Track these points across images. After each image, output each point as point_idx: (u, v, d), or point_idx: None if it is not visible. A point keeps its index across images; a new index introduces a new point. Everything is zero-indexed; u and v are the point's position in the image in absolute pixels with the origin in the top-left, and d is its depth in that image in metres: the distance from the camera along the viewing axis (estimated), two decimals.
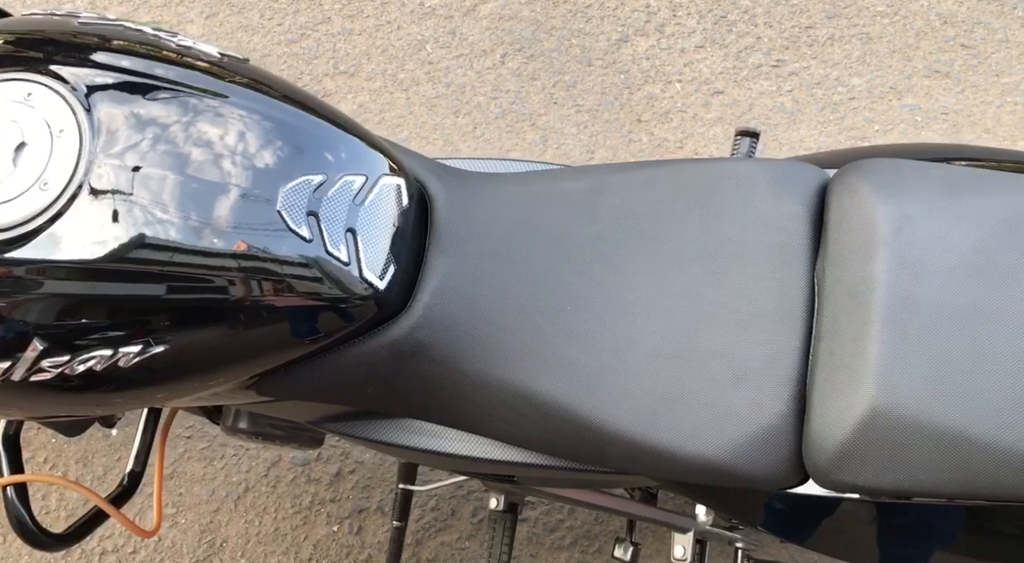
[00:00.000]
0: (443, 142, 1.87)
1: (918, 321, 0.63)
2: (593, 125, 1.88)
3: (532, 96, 1.92)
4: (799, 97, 1.86)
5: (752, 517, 0.78)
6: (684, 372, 0.71)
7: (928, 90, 1.82)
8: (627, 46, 1.96)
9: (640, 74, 1.93)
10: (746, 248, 0.73)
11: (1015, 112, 1.77)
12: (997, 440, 0.61)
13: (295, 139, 0.67)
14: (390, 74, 1.94)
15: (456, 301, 0.73)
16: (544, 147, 1.87)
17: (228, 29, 2.01)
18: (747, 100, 1.87)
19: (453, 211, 0.76)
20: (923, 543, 0.76)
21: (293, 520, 1.46)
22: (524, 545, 1.44)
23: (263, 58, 1.97)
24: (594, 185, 0.79)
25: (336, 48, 1.98)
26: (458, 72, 1.94)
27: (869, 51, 1.89)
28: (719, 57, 1.92)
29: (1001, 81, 1.81)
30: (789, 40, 1.92)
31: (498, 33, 1.99)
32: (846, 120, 1.82)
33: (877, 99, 1.83)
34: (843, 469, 0.65)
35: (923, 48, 1.87)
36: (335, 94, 1.93)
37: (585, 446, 0.74)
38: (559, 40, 1.98)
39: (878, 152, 0.78)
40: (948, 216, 0.66)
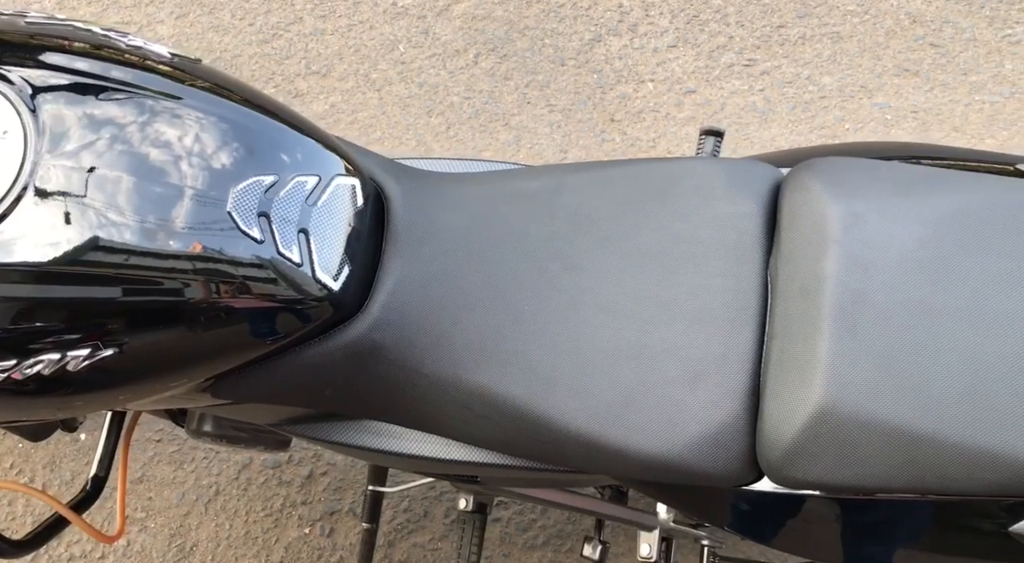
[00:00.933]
0: (416, 142, 1.86)
1: (867, 318, 0.64)
2: (566, 125, 1.88)
3: (505, 96, 1.91)
4: (771, 96, 1.87)
5: (711, 515, 0.78)
6: (640, 371, 0.71)
7: (898, 89, 1.84)
8: (600, 46, 1.97)
9: (613, 74, 1.93)
10: (701, 247, 0.73)
11: (982, 110, 1.79)
12: (945, 435, 0.61)
13: (246, 140, 0.67)
14: (363, 74, 1.94)
15: (413, 302, 0.73)
16: (517, 147, 1.87)
17: (199, 30, 1.99)
18: (719, 99, 1.88)
19: (410, 211, 0.76)
20: (887, 540, 0.76)
21: (264, 523, 1.45)
22: (497, 545, 1.44)
23: (234, 59, 1.96)
24: (552, 185, 0.79)
25: (308, 48, 1.97)
26: (431, 72, 1.94)
27: (840, 50, 1.90)
28: (691, 56, 1.93)
29: (969, 80, 1.83)
30: (761, 39, 1.94)
31: (471, 33, 1.99)
32: (817, 119, 1.83)
33: (848, 98, 1.85)
34: (794, 466, 0.65)
35: (893, 47, 1.89)
36: (307, 94, 1.92)
37: (543, 445, 0.74)
38: (532, 40, 1.98)
39: (832, 151, 0.79)
40: (897, 214, 0.67)
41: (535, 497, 1.03)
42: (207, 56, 1.96)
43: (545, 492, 1.02)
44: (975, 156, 0.77)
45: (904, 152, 0.78)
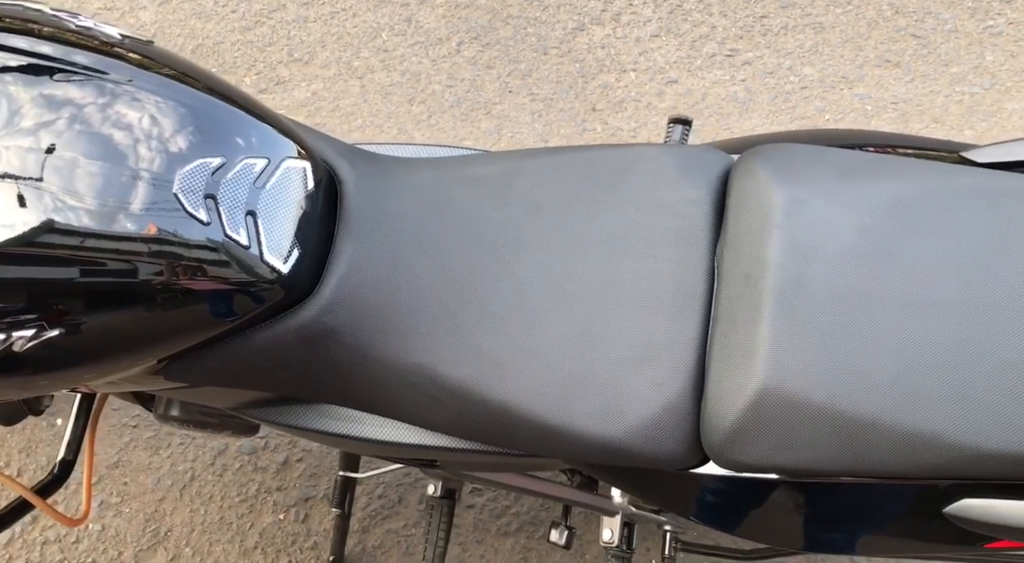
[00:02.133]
0: (397, 130, 1.86)
1: (807, 303, 0.64)
2: (548, 114, 1.88)
3: (487, 84, 1.91)
4: (752, 86, 1.87)
5: (662, 499, 0.79)
6: (588, 354, 0.71)
7: (879, 79, 1.84)
8: (583, 35, 1.96)
9: (595, 63, 1.93)
10: (651, 232, 0.73)
11: (962, 101, 1.79)
12: (881, 419, 0.62)
13: (195, 121, 0.67)
14: (345, 62, 1.93)
15: (365, 285, 0.73)
16: (499, 136, 1.86)
17: (181, 16, 1.99)
18: (701, 89, 1.88)
19: (363, 195, 0.76)
20: (841, 524, 0.77)
21: (239, 509, 1.45)
22: (470, 531, 1.45)
23: (216, 46, 1.95)
24: (507, 170, 0.79)
25: (291, 35, 1.97)
26: (413, 60, 1.94)
27: (822, 41, 1.90)
28: (674, 46, 1.93)
29: (950, 71, 1.83)
30: (743, 29, 1.93)
31: (454, 21, 1.98)
32: (798, 109, 1.83)
33: (829, 88, 1.84)
34: (736, 448, 0.66)
35: (875, 38, 1.89)
36: (289, 82, 1.92)
37: (495, 428, 0.74)
38: (515, 28, 1.98)
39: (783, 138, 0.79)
40: (839, 200, 0.67)
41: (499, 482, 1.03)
42: (189, 42, 1.95)
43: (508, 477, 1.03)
44: (922, 143, 0.77)
45: (853, 139, 0.78)
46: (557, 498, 1.04)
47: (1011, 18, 1.86)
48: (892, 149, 0.75)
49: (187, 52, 1.94)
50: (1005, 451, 0.61)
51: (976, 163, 0.71)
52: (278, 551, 1.42)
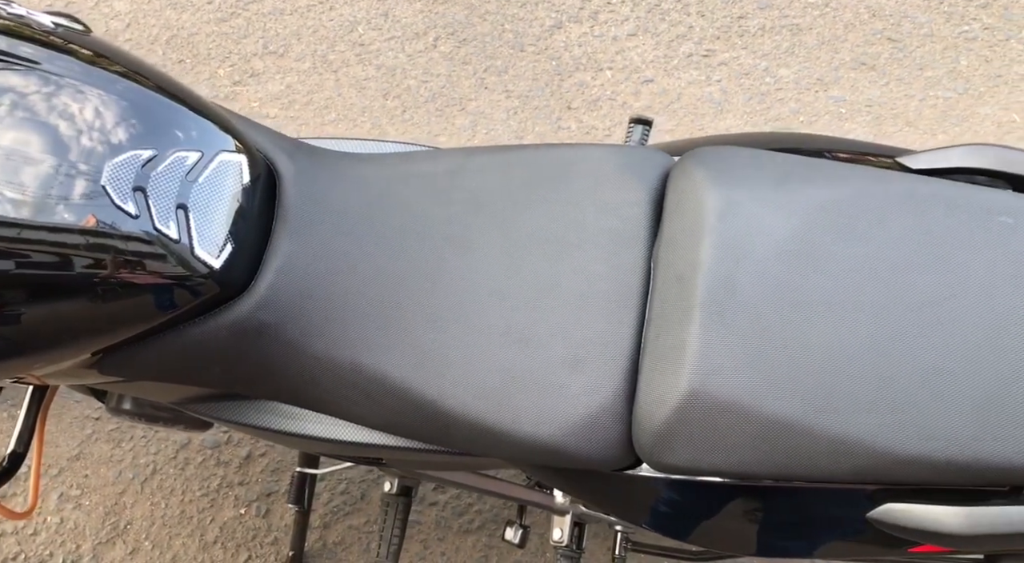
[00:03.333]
0: (371, 125, 1.85)
1: (737, 306, 0.64)
2: (523, 111, 1.88)
3: (463, 80, 1.91)
4: (727, 87, 1.86)
5: (598, 500, 0.78)
6: (525, 354, 0.71)
7: (854, 82, 1.84)
8: (560, 32, 1.96)
9: (572, 61, 1.92)
10: (591, 233, 0.73)
11: (936, 105, 1.79)
12: (807, 422, 0.62)
13: (127, 113, 0.66)
14: (320, 55, 1.92)
15: (302, 281, 0.73)
16: (473, 132, 1.86)
17: (156, 7, 1.98)
18: (676, 89, 1.87)
19: (303, 190, 0.75)
20: (786, 529, 0.77)
21: (200, 503, 1.45)
22: (432, 529, 1.45)
23: (191, 37, 1.94)
24: (451, 167, 0.78)
25: (266, 28, 1.95)
26: (389, 54, 1.93)
27: (798, 42, 1.90)
28: (651, 46, 1.92)
29: (924, 74, 1.83)
30: (721, 30, 1.93)
31: (431, 16, 1.98)
32: (772, 110, 1.83)
33: (804, 90, 1.84)
34: (665, 450, 0.65)
35: (851, 40, 1.89)
36: (263, 74, 1.91)
37: (432, 427, 0.74)
38: (492, 25, 1.97)
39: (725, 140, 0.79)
40: (773, 203, 0.67)
41: (451, 480, 1.03)
42: (164, 33, 1.94)
43: (461, 475, 1.02)
44: (860, 148, 0.77)
45: (793, 143, 0.78)
46: (509, 497, 1.04)
47: (986, 23, 1.87)
48: (831, 153, 0.75)
49: (161, 43, 1.93)
50: (924, 456, 0.61)
51: (910, 169, 0.71)
52: (238, 546, 1.41)
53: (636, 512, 0.75)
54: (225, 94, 1.89)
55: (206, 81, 1.91)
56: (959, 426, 0.61)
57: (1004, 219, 0.64)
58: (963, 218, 0.64)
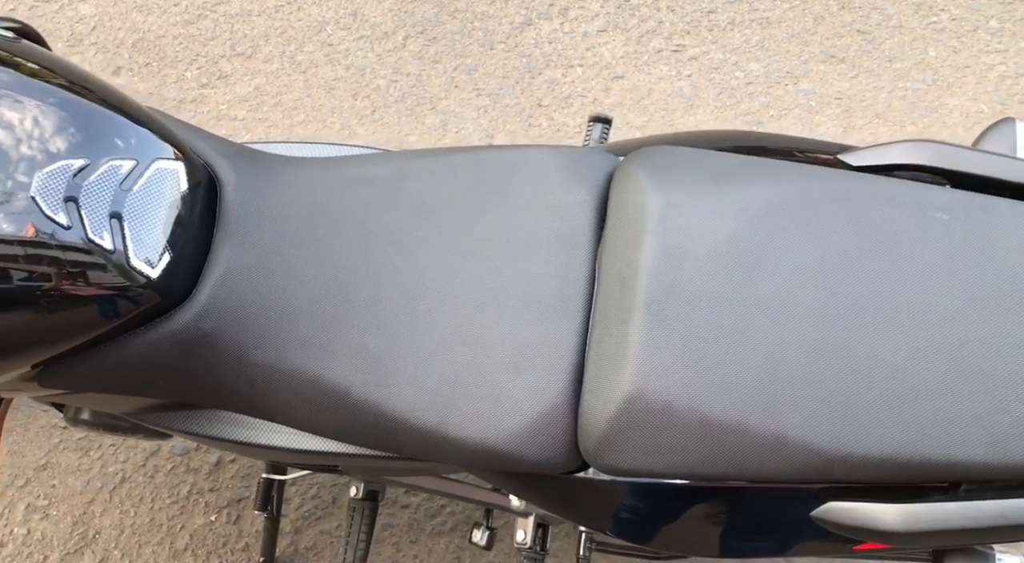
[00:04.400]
0: (340, 125, 1.84)
1: (676, 308, 0.64)
2: (493, 109, 1.87)
3: (433, 79, 1.89)
4: (697, 82, 1.86)
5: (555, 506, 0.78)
6: (469, 358, 0.70)
7: (823, 75, 1.84)
8: (530, 29, 1.95)
9: (542, 58, 1.91)
10: (536, 235, 0.72)
11: (905, 97, 1.79)
12: (746, 422, 0.61)
13: (59, 122, 0.65)
14: (288, 56, 1.91)
15: (244, 289, 0.72)
16: (444, 131, 1.85)
17: (122, 9, 1.95)
18: (646, 85, 1.87)
19: (245, 196, 0.74)
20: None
21: (170, 510, 1.44)
22: (404, 531, 1.44)
23: (158, 39, 1.92)
24: (396, 171, 0.78)
25: (234, 29, 1.94)
26: (358, 54, 1.91)
27: (768, 36, 1.89)
28: (621, 41, 1.92)
29: (893, 66, 1.83)
30: (690, 25, 1.93)
31: (400, 15, 1.96)
32: (742, 105, 1.83)
33: (774, 84, 1.84)
34: (609, 452, 0.65)
35: (820, 33, 1.89)
36: (231, 76, 1.89)
37: (378, 434, 0.73)
38: (462, 23, 1.96)
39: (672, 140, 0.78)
40: (712, 204, 0.66)
41: (414, 484, 1.02)
42: (130, 36, 1.92)
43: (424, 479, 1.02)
44: (802, 145, 0.76)
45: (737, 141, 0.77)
46: (473, 500, 1.04)
47: (954, 14, 1.87)
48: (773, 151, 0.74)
49: (127, 46, 1.91)
50: (862, 454, 0.60)
51: (850, 166, 0.70)
52: (209, 553, 1.40)
53: (586, 515, 0.74)
54: (193, 97, 1.88)
55: (173, 84, 1.89)
56: (896, 424, 0.60)
57: (940, 216, 0.63)
58: (900, 215, 0.64)
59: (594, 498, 0.73)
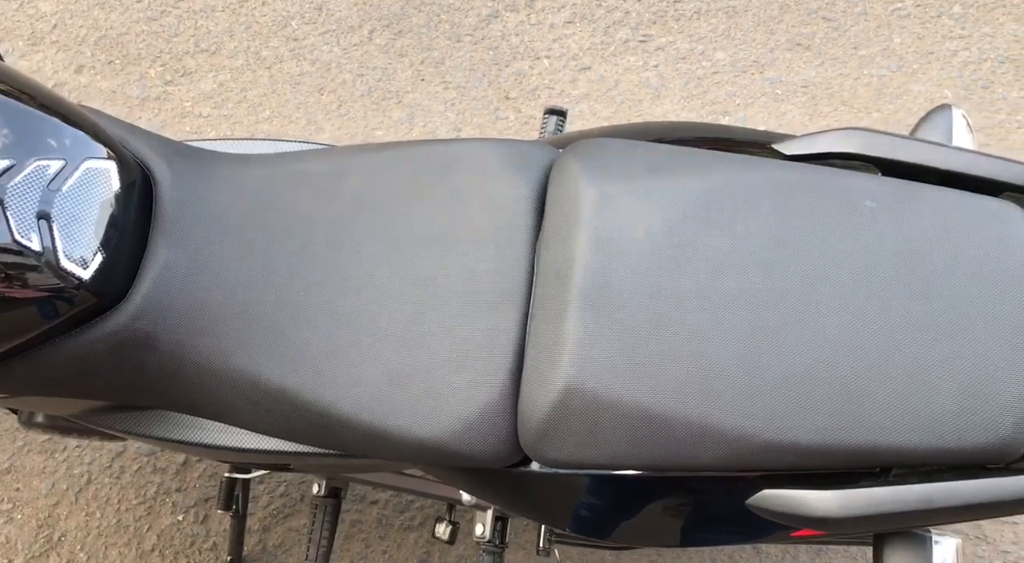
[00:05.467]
0: (306, 121, 1.83)
1: (610, 300, 0.64)
2: (461, 102, 1.86)
3: (399, 73, 1.88)
4: (664, 72, 1.86)
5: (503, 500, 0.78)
6: (410, 355, 0.70)
7: (789, 63, 1.84)
8: (497, 22, 1.94)
9: (509, 50, 1.91)
10: (476, 229, 0.72)
11: (870, 84, 1.80)
12: (681, 413, 0.62)
13: None
14: (253, 51, 1.89)
15: (181, 289, 0.71)
16: (411, 125, 1.84)
17: (83, 7, 1.93)
18: (613, 76, 1.86)
19: (182, 195, 0.74)
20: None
21: (137, 511, 1.43)
22: (373, 527, 1.44)
23: (120, 37, 1.90)
24: (336, 167, 0.77)
25: (198, 25, 1.92)
26: (324, 49, 1.90)
27: (734, 25, 1.89)
28: (587, 33, 1.91)
29: (859, 54, 1.83)
30: (657, 15, 1.92)
31: (366, 8, 1.95)
32: (709, 94, 1.83)
33: (740, 73, 1.84)
34: (547, 445, 0.65)
35: (786, 21, 1.89)
36: (196, 73, 1.87)
37: (322, 432, 0.73)
38: (428, 16, 1.95)
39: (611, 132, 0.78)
40: (646, 196, 0.66)
41: (371, 481, 1.02)
42: (92, 34, 1.90)
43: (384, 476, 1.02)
44: (738, 135, 0.76)
45: (675, 132, 0.77)
46: (433, 496, 1.04)
47: (919, 0, 1.87)
48: (709, 141, 0.74)
49: (89, 44, 1.89)
50: (791, 442, 0.61)
51: (784, 155, 0.70)
52: (176, 553, 1.40)
53: (531, 508, 0.74)
54: (156, 94, 1.86)
55: (136, 82, 1.87)
56: (825, 410, 0.61)
57: (868, 203, 0.63)
58: (828, 204, 0.64)
59: (536, 491, 0.73)
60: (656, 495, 0.70)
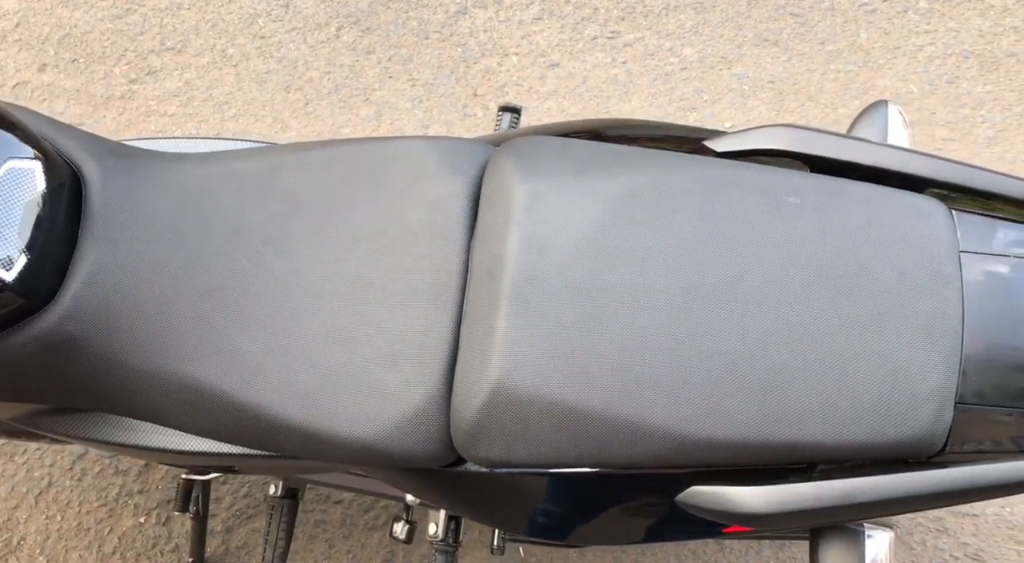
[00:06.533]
0: (272, 119, 1.82)
1: (539, 298, 0.63)
2: (429, 100, 1.85)
3: (367, 70, 1.87)
4: (632, 69, 1.85)
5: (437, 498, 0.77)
6: (345, 354, 0.69)
7: (757, 59, 1.84)
8: (465, 18, 1.93)
9: (477, 47, 1.90)
10: (411, 228, 0.71)
11: (837, 79, 1.80)
12: (606, 410, 0.61)
13: None
14: (219, 49, 1.88)
15: (111, 290, 0.70)
16: (378, 122, 1.83)
17: (47, 4, 1.91)
18: (582, 73, 1.86)
19: (113, 195, 0.73)
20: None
21: (98, 513, 1.42)
22: (337, 527, 1.43)
23: (85, 35, 1.88)
24: (271, 166, 0.76)
25: (163, 23, 1.90)
26: (291, 46, 1.89)
27: (702, 21, 1.89)
28: (556, 29, 1.91)
29: (826, 49, 1.83)
30: (625, 11, 1.92)
31: (334, 5, 1.94)
32: (677, 90, 1.82)
33: (708, 69, 1.84)
34: (478, 444, 0.65)
35: (754, 16, 1.89)
36: (161, 71, 1.86)
37: (258, 434, 0.72)
38: (396, 12, 1.94)
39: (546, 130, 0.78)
40: (575, 193, 0.66)
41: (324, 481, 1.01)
42: (56, 32, 1.88)
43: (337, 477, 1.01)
44: (672, 131, 0.76)
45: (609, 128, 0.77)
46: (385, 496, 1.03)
47: None
48: (644, 138, 0.74)
49: (53, 42, 1.87)
50: (718, 438, 0.61)
51: (714, 151, 0.70)
52: (138, 555, 1.39)
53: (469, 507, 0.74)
54: (121, 93, 1.84)
55: (101, 80, 1.85)
56: (750, 407, 0.60)
57: (792, 200, 0.63)
58: (753, 201, 0.64)
59: (480, 492, 0.73)
60: (593, 493, 0.70)
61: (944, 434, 0.61)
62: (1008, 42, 1.80)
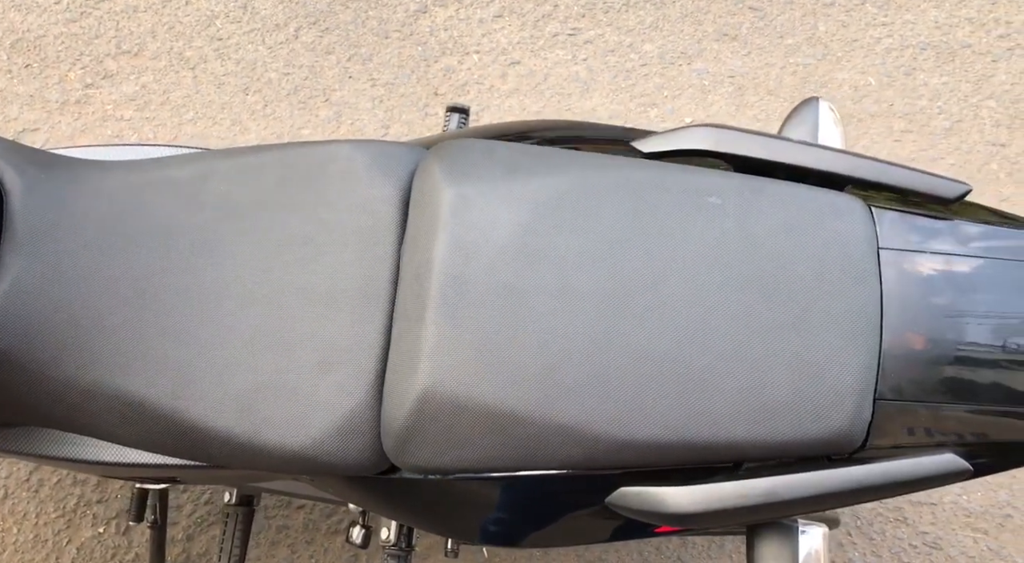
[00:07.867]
0: (231, 122, 1.80)
1: (466, 302, 0.63)
2: (389, 99, 1.84)
3: (326, 71, 1.86)
4: (593, 65, 1.85)
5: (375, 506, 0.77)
6: (276, 361, 0.69)
7: (717, 54, 1.84)
8: (425, 17, 1.92)
9: (438, 46, 1.89)
10: (342, 233, 0.71)
11: (796, 73, 1.81)
12: (531, 414, 0.61)
13: None
14: (176, 52, 1.86)
15: (36, 302, 0.69)
16: (338, 123, 1.82)
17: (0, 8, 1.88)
18: (543, 70, 1.85)
19: (35, 205, 0.71)
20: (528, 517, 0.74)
21: (56, 524, 1.40)
22: (300, 532, 1.43)
23: (39, 39, 1.86)
24: (201, 172, 0.75)
25: (119, 26, 1.88)
26: (249, 48, 1.87)
27: (662, 16, 1.89)
28: (517, 27, 1.90)
29: (785, 43, 1.84)
30: (585, 7, 1.91)
31: (292, 6, 1.92)
32: (637, 87, 1.82)
33: (668, 65, 1.84)
34: (407, 450, 0.64)
35: (714, 11, 1.89)
36: (117, 75, 1.83)
37: (191, 445, 0.71)
38: (356, 12, 1.92)
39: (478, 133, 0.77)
40: (502, 196, 0.65)
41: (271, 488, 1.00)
42: (8, 37, 1.85)
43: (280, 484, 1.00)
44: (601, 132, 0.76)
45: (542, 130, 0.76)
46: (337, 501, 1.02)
47: None
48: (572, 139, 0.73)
49: (5, 47, 1.84)
50: (643, 439, 0.60)
51: (641, 152, 0.70)
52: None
53: (406, 513, 0.73)
54: (77, 98, 1.82)
55: (56, 85, 1.83)
56: (672, 408, 0.60)
57: (713, 200, 0.63)
58: (676, 201, 0.64)
59: (412, 498, 0.72)
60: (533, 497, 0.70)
61: (864, 430, 0.61)
62: (963, 33, 1.81)
